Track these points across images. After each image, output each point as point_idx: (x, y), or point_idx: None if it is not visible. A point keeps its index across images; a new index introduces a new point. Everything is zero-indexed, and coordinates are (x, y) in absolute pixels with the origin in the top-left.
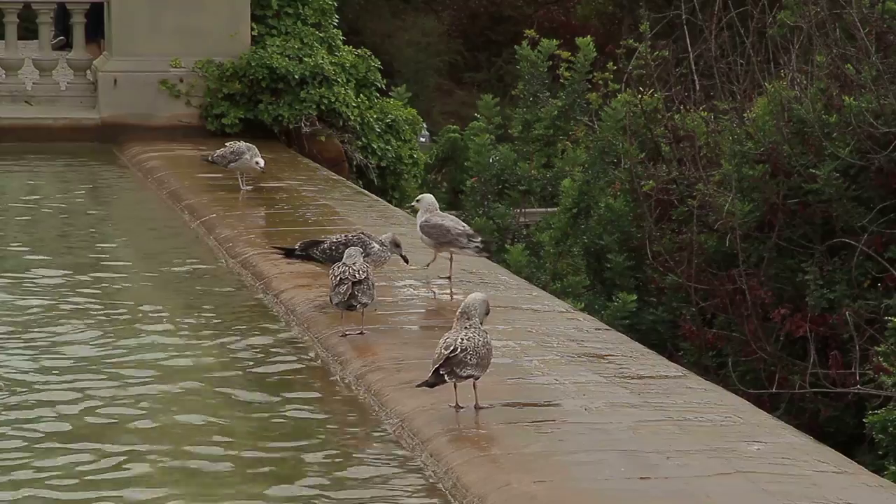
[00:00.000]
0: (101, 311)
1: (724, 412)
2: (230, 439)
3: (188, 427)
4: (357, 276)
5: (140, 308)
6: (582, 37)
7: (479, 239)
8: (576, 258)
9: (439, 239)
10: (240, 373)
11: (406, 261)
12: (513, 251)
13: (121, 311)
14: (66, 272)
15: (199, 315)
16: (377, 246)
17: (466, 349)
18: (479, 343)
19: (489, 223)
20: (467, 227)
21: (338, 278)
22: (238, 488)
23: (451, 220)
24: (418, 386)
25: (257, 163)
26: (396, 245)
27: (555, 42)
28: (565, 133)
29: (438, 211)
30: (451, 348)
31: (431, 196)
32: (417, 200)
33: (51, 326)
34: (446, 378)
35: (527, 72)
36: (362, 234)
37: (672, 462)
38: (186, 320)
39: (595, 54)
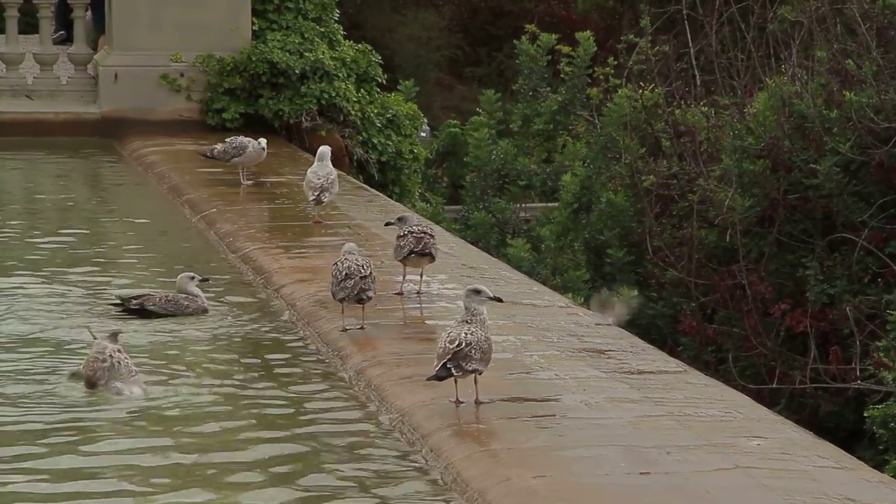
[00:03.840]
0: (100, 305)
1: (725, 407)
2: (229, 433)
3: (180, 424)
4: (363, 270)
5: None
6: (582, 31)
7: (318, 194)
8: (576, 252)
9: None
10: (242, 368)
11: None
12: (515, 247)
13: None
14: (65, 266)
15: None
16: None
17: (471, 343)
18: (482, 338)
19: (489, 218)
20: (320, 183)
21: (343, 273)
22: (235, 481)
23: (313, 174)
24: (429, 380)
25: (259, 141)
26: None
27: (554, 37)
28: (565, 128)
29: (327, 163)
30: (457, 342)
31: (328, 148)
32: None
33: (49, 319)
34: (453, 371)
35: (526, 66)
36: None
37: (672, 457)
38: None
39: (595, 49)
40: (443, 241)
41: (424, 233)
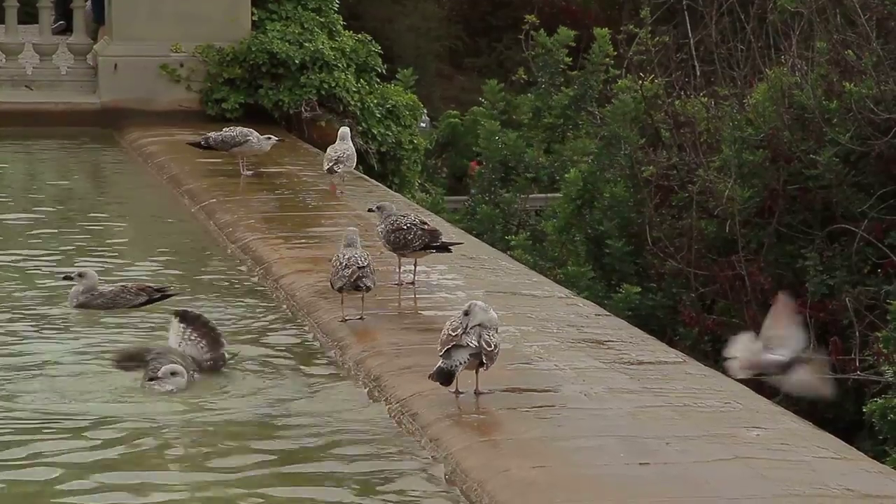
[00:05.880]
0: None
1: (724, 398)
2: (225, 423)
3: (173, 414)
4: (360, 262)
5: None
6: (582, 21)
7: (332, 164)
8: (577, 245)
9: None
10: (240, 359)
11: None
12: (517, 242)
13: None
14: (65, 258)
15: (202, 300)
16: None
17: (498, 346)
18: (499, 342)
19: (496, 210)
20: (336, 155)
21: (343, 263)
22: (238, 475)
23: (332, 148)
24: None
25: (269, 137)
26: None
27: (572, 33)
28: (575, 123)
29: (346, 141)
30: (492, 346)
31: (348, 129)
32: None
33: (53, 310)
34: (489, 366)
35: (541, 59)
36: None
37: (671, 448)
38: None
39: (609, 46)
40: (443, 233)
41: (425, 223)
